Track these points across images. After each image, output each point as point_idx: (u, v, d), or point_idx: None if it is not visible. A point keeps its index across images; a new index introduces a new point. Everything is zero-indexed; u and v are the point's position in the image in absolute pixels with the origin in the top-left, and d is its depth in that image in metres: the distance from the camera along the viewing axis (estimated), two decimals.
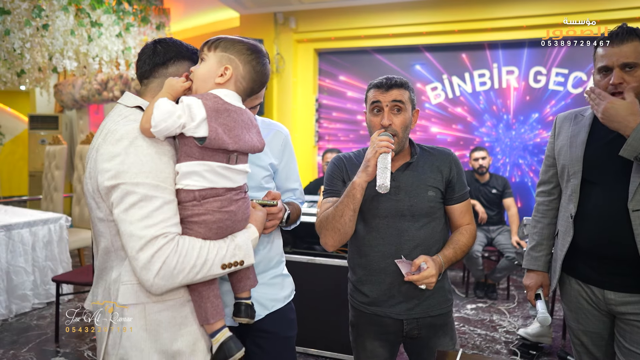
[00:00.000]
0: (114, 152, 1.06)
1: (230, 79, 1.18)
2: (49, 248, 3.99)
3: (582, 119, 1.70)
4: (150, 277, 1.04)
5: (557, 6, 4.60)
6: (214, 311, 1.18)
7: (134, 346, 1.12)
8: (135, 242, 1.04)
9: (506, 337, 3.46)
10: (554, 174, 1.81)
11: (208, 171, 1.11)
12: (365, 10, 5.19)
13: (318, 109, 5.73)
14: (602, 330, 1.67)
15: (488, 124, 5.21)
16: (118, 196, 1.05)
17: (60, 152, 5.14)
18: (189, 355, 1.17)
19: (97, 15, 3.92)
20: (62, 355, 3.10)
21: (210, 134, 1.09)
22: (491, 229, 4.35)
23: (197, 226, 1.12)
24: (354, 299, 1.70)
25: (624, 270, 1.56)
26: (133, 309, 1.12)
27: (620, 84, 1.51)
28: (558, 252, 1.74)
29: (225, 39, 1.21)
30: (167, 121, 1.05)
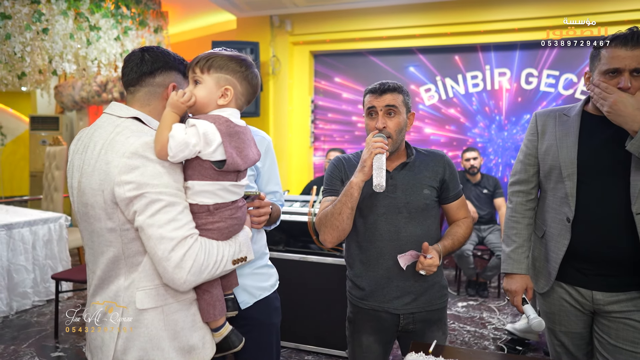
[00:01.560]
0: (131, 165, 1.10)
1: (232, 99, 1.24)
2: (49, 247, 4.07)
3: (567, 119, 1.67)
4: (184, 275, 1.12)
5: (549, 9, 4.67)
6: (221, 308, 1.29)
7: (155, 346, 1.18)
8: (166, 243, 1.10)
9: (494, 334, 3.54)
10: (534, 174, 1.76)
11: (220, 190, 1.21)
12: (360, 13, 5.27)
13: (314, 110, 5.81)
14: (583, 330, 1.69)
15: (481, 124, 5.29)
16: (143, 204, 1.10)
17: (60, 152, 5.23)
18: (202, 349, 1.26)
19: (95, 19, 4.00)
20: (61, 351, 3.19)
21: (228, 159, 1.17)
22: (482, 228, 4.43)
23: (211, 233, 1.21)
24: (352, 294, 1.77)
25: (614, 271, 1.58)
26: (152, 312, 1.18)
27: (629, 89, 1.47)
28: (552, 255, 1.70)
29: (215, 57, 1.23)
30: (184, 152, 1.12)
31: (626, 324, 1.57)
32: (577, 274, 1.65)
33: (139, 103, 1.27)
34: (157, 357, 1.18)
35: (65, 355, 3.14)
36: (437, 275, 1.73)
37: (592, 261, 1.61)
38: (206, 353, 1.27)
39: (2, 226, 3.68)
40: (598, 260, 1.60)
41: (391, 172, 1.69)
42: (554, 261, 1.68)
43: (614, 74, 1.50)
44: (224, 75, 1.23)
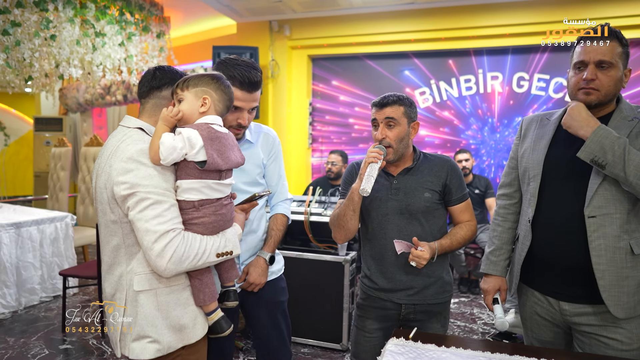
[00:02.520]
0: (127, 168, 1.30)
1: (210, 106, 1.42)
2: (56, 245, 4.22)
3: (547, 123, 1.69)
4: (164, 263, 1.29)
5: (540, 15, 4.82)
6: (211, 295, 1.46)
7: (149, 323, 1.37)
8: (150, 235, 1.29)
9: (483, 329, 3.69)
10: (516, 177, 1.77)
11: (204, 187, 1.38)
12: (357, 19, 5.41)
13: (312, 112, 5.96)
14: (555, 341, 1.69)
15: (474, 127, 5.43)
16: (134, 201, 1.29)
17: (65, 153, 5.38)
18: (192, 328, 1.43)
19: (101, 25, 4.15)
20: (69, 344, 3.34)
21: (208, 159, 1.34)
22: None
23: (196, 227, 1.39)
24: (363, 283, 1.94)
25: (576, 280, 1.56)
26: (147, 294, 1.37)
27: (593, 80, 1.50)
28: (517, 256, 1.73)
29: (191, 77, 1.43)
30: (173, 154, 1.30)
31: (599, 340, 1.55)
32: (544, 281, 1.66)
33: (147, 113, 1.47)
34: (152, 332, 1.37)
35: (73, 347, 3.29)
36: (441, 271, 1.87)
37: (554, 267, 1.61)
38: (196, 333, 1.44)
39: (10, 225, 3.83)
40: (559, 266, 1.60)
41: (395, 177, 1.84)
42: (518, 261, 1.71)
43: (582, 67, 1.54)
44: (200, 88, 1.41)
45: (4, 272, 3.76)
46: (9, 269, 3.79)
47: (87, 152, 5.18)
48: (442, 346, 1.55)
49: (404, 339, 1.60)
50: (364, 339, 1.92)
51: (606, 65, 1.51)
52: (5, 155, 9.58)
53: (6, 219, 3.92)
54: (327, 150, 5.77)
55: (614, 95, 1.56)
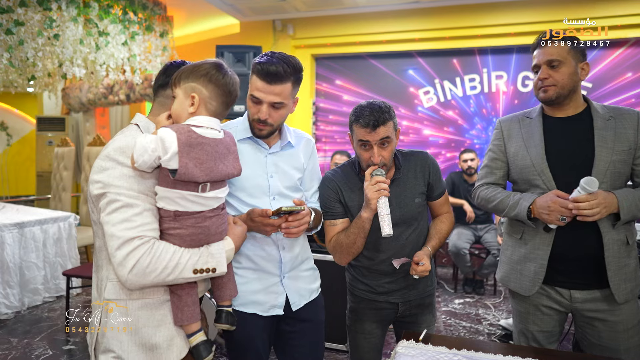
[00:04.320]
0: (103, 166, 1.21)
1: (199, 105, 1.27)
2: (59, 245, 4.21)
3: (530, 121, 1.81)
4: (125, 273, 1.16)
5: (544, 14, 4.80)
6: (190, 315, 1.29)
7: (114, 337, 1.25)
8: (114, 241, 1.16)
9: (489, 329, 3.67)
10: (502, 177, 1.88)
11: (179, 198, 1.22)
12: (360, 18, 5.40)
13: (315, 112, 5.94)
14: (553, 329, 1.80)
15: (478, 126, 5.41)
16: (104, 202, 1.19)
17: (68, 153, 5.37)
18: (166, 349, 1.27)
19: (104, 25, 4.14)
20: (72, 344, 3.32)
21: (180, 169, 1.18)
22: (479, 227, 4.55)
23: (173, 238, 1.24)
24: (355, 287, 1.89)
25: (589, 269, 1.69)
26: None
27: (546, 79, 1.70)
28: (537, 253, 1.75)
29: (184, 70, 1.29)
30: (144, 156, 1.16)
31: (603, 322, 1.70)
32: (556, 274, 1.74)
33: (153, 112, 1.41)
34: (116, 348, 1.25)
35: (77, 348, 3.27)
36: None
37: (571, 259, 1.71)
38: (170, 355, 1.28)
39: (14, 225, 3.82)
40: (576, 258, 1.70)
41: None
42: (541, 259, 1.74)
43: (537, 71, 1.77)
44: (189, 84, 1.27)
45: (7, 272, 3.74)
46: (12, 269, 3.77)
47: (90, 152, 5.16)
48: (453, 349, 1.53)
49: (414, 341, 1.58)
50: (364, 341, 1.89)
51: (556, 63, 1.70)
52: (7, 155, 9.59)
53: (9, 219, 3.90)
54: (331, 150, 5.75)
55: (571, 87, 1.71)
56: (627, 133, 1.69)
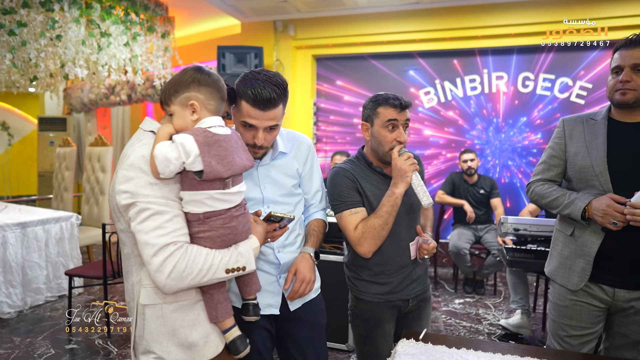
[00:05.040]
0: (128, 175, 1.22)
1: (201, 109, 1.29)
2: (61, 244, 4.23)
3: (595, 123, 1.83)
4: (163, 279, 1.21)
5: (545, 15, 4.81)
6: (224, 311, 1.35)
7: (154, 339, 1.30)
8: (149, 249, 1.20)
9: (489, 329, 3.68)
10: (558, 174, 1.93)
11: (207, 198, 1.26)
12: (361, 19, 5.41)
13: (316, 112, 5.96)
14: (591, 326, 1.84)
15: (478, 127, 5.42)
16: (134, 212, 1.21)
17: (70, 153, 5.40)
18: (203, 346, 1.34)
19: (106, 26, 4.15)
20: (75, 343, 3.34)
21: (205, 168, 1.22)
22: (479, 227, 4.57)
23: (203, 241, 1.28)
24: (368, 292, 1.83)
25: (636, 270, 1.73)
26: (152, 308, 1.29)
27: (628, 82, 1.69)
28: (585, 250, 1.80)
29: (165, 89, 1.31)
30: (169, 167, 1.19)
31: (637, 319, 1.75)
32: (603, 273, 1.78)
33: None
34: (156, 349, 1.30)
35: (79, 347, 3.29)
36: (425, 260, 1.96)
37: (622, 259, 1.74)
38: (208, 351, 1.34)
39: (16, 224, 3.84)
40: (627, 258, 1.73)
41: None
42: (588, 256, 1.78)
43: (619, 71, 1.74)
44: (182, 95, 1.29)
45: (9, 271, 3.77)
46: (14, 269, 3.79)
47: (91, 152, 5.18)
48: (452, 347, 1.55)
49: (414, 340, 1.60)
50: (385, 345, 1.85)
51: None
52: (9, 154, 9.62)
53: (12, 219, 3.93)
54: (332, 150, 5.77)
55: None
56: None
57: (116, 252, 3.44)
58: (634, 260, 1.73)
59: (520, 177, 5.30)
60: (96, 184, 5.08)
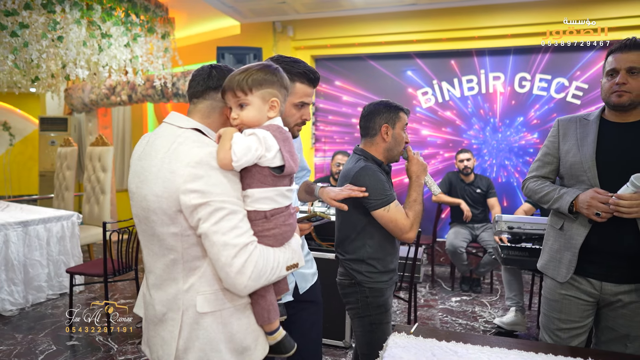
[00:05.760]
0: (196, 174, 1.14)
1: (278, 109, 1.28)
2: (62, 243, 4.28)
3: (587, 123, 1.91)
4: (245, 280, 1.15)
5: (541, 16, 4.86)
6: (275, 312, 1.33)
7: (213, 348, 1.23)
8: (229, 250, 1.14)
9: (484, 327, 3.73)
10: (551, 171, 2.02)
11: (278, 195, 1.24)
12: (359, 20, 5.46)
13: (315, 112, 6.01)
14: (580, 320, 1.90)
15: (476, 127, 5.47)
16: (207, 212, 1.14)
17: (71, 153, 5.45)
18: (254, 349, 1.30)
19: (107, 27, 4.20)
20: (76, 340, 3.39)
21: (286, 163, 1.21)
22: (476, 226, 4.61)
23: (267, 239, 1.24)
24: (381, 281, 2.02)
25: (623, 263, 1.79)
26: (211, 316, 1.23)
27: (624, 84, 1.75)
28: (572, 243, 1.87)
29: (250, 74, 1.24)
30: (247, 155, 1.15)
31: (625, 313, 1.82)
32: (590, 266, 1.85)
33: (199, 114, 1.31)
34: (215, 358, 1.24)
35: (80, 344, 3.34)
36: None
37: (603, 251, 1.81)
38: (258, 354, 1.31)
39: (18, 223, 3.89)
40: (613, 253, 1.80)
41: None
42: (574, 248, 1.86)
43: (613, 74, 1.80)
44: (266, 90, 1.25)
45: (11, 269, 3.82)
46: (16, 267, 3.85)
47: (92, 152, 5.24)
48: (442, 341, 1.59)
49: (405, 334, 1.64)
50: (390, 331, 1.98)
51: (635, 71, 1.74)
52: (10, 154, 9.66)
53: (14, 218, 3.98)
54: (331, 150, 5.82)
55: None
56: None
57: (117, 250, 3.50)
58: (619, 254, 1.79)
59: (517, 176, 5.34)
60: (97, 184, 5.13)
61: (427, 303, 4.28)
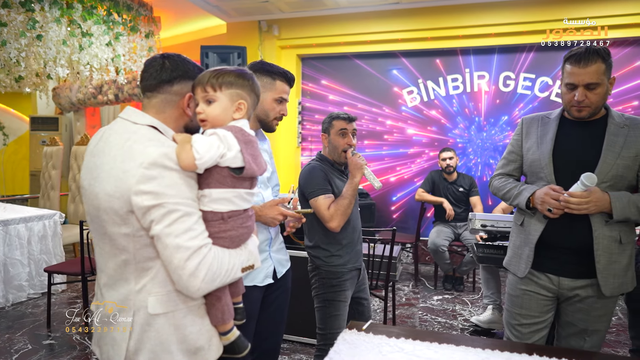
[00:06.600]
0: (149, 175, 1.12)
1: (245, 112, 1.29)
2: (44, 242, 4.28)
3: (548, 121, 1.94)
4: (198, 283, 1.14)
5: (525, 15, 4.85)
6: (230, 313, 1.32)
7: (164, 350, 1.21)
8: (182, 253, 1.12)
9: (463, 325, 3.73)
10: (515, 169, 2.05)
11: (236, 197, 1.24)
12: (344, 19, 5.46)
13: (301, 111, 6.01)
14: (540, 315, 1.93)
15: (461, 125, 5.47)
16: (160, 214, 1.12)
17: (57, 152, 5.45)
18: (207, 349, 1.29)
19: (87, 26, 4.21)
20: (53, 339, 3.39)
21: (246, 165, 1.21)
22: (458, 225, 4.61)
23: (223, 241, 1.23)
24: (332, 264, 2.25)
25: (580, 260, 1.82)
26: (163, 317, 1.21)
27: (583, 101, 1.76)
28: (529, 238, 1.92)
29: (223, 74, 1.26)
30: (210, 152, 1.14)
31: (588, 307, 1.85)
32: (547, 261, 1.89)
33: (154, 109, 1.27)
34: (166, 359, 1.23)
35: (57, 343, 3.34)
36: None
37: (563, 249, 1.85)
38: (212, 354, 1.30)
39: None
40: (568, 249, 1.84)
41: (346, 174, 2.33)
42: (532, 243, 1.91)
43: (572, 88, 1.79)
44: (235, 90, 1.26)
45: None
46: None
47: (77, 151, 5.24)
48: (392, 337, 1.59)
49: (356, 331, 1.65)
50: (344, 309, 2.27)
51: (593, 86, 1.75)
52: (4, 154, 9.66)
53: None
54: (317, 149, 5.82)
55: (603, 104, 1.83)
56: (637, 142, 1.78)
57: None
58: (573, 249, 1.84)
59: None
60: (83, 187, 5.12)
61: (408, 302, 4.28)
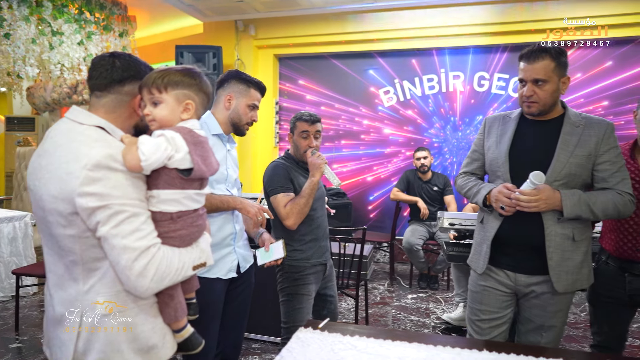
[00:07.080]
0: (94, 176, 1.11)
1: (194, 112, 1.28)
2: (14, 244, 4.20)
3: (509, 120, 1.98)
4: (146, 283, 1.14)
5: (498, 15, 4.92)
6: (182, 311, 1.33)
7: (114, 349, 1.20)
8: (129, 253, 1.12)
9: (435, 323, 3.76)
10: (478, 167, 2.09)
11: (185, 198, 1.24)
12: (320, 19, 5.46)
13: (278, 111, 6.00)
14: (499, 310, 1.97)
15: (437, 125, 5.51)
16: (106, 215, 1.11)
17: (30, 153, 5.38)
18: (161, 347, 1.29)
19: (58, 24, 4.15)
20: (20, 342, 3.34)
21: (194, 167, 1.21)
22: (433, 224, 4.64)
23: (173, 240, 1.24)
24: (296, 259, 2.28)
25: (533, 257, 1.86)
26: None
27: (531, 96, 1.80)
28: (481, 237, 1.99)
29: (168, 74, 1.25)
30: (157, 154, 1.13)
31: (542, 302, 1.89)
32: (503, 257, 1.93)
33: (104, 109, 1.26)
34: (117, 359, 1.22)
35: (24, 346, 3.29)
36: None
37: (517, 246, 1.90)
38: (165, 352, 1.30)
39: None
40: (522, 246, 1.88)
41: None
42: (488, 240, 1.95)
43: (523, 83, 1.85)
44: (181, 91, 1.25)
45: None
46: None
47: None
48: (346, 335, 1.60)
49: (311, 329, 1.65)
50: (308, 303, 2.29)
51: (541, 82, 1.78)
52: None
53: None
54: None
55: (553, 103, 1.84)
56: (590, 141, 1.81)
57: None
58: (528, 246, 1.88)
59: None
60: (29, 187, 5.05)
61: (382, 300, 4.30)
